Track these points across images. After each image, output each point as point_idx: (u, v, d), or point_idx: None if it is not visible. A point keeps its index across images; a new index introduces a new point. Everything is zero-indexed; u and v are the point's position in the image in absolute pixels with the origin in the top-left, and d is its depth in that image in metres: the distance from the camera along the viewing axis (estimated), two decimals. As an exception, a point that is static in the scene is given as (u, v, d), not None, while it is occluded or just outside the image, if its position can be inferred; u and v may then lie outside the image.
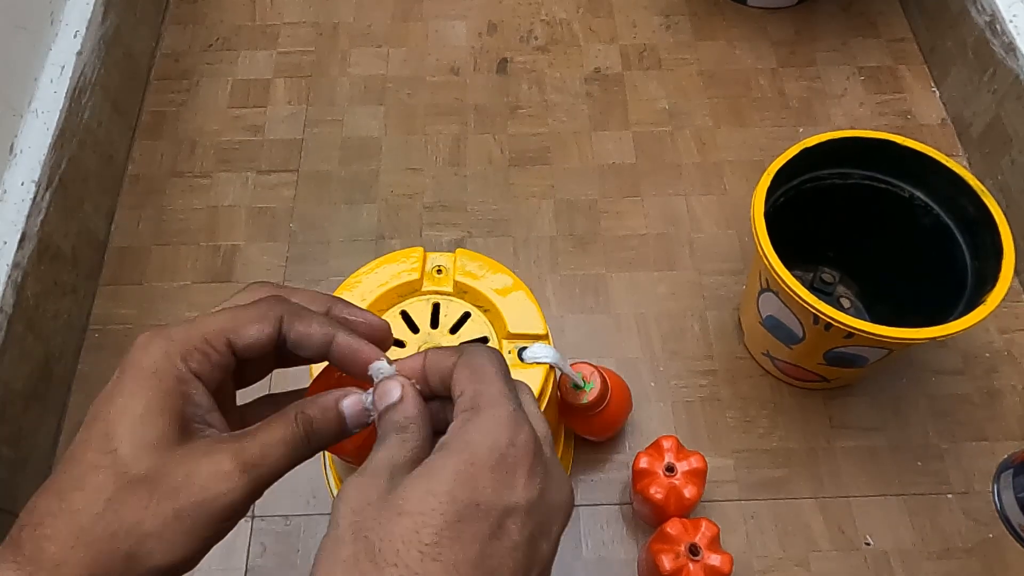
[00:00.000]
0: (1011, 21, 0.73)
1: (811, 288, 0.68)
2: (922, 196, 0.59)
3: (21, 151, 0.66)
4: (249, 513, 0.61)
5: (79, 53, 0.72)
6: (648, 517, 0.59)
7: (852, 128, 0.81)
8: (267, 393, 0.33)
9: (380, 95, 0.84)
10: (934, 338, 0.50)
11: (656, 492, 0.55)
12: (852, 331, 0.51)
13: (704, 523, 0.53)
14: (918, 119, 0.82)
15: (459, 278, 0.51)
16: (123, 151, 0.79)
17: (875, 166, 0.60)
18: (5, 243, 0.61)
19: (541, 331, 0.49)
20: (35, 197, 0.64)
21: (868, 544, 0.60)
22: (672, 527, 0.53)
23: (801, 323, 0.56)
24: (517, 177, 0.79)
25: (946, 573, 0.59)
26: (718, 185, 0.78)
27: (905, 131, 0.81)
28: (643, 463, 0.56)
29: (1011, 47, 0.72)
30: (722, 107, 0.83)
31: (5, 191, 0.64)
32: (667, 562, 0.51)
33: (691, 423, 0.65)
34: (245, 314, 0.29)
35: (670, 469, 0.55)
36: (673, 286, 0.72)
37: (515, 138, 0.81)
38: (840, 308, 0.67)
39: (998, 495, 0.61)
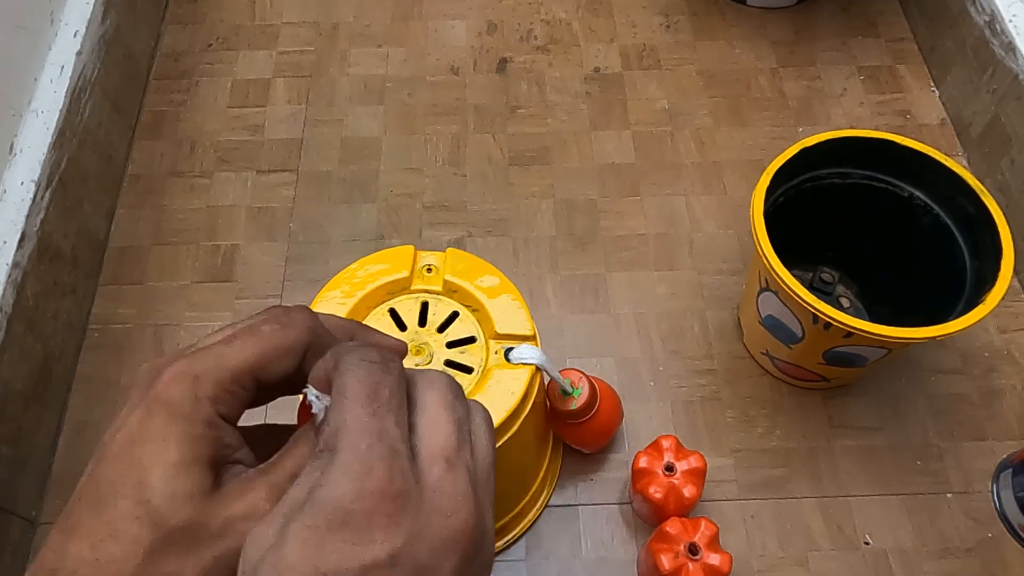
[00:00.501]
0: (1011, 21, 0.73)
1: (810, 288, 0.68)
2: (921, 196, 0.59)
3: (21, 151, 0.66)
4: (249, 513, 0.61)
5: (79, 53, 0.72)
6: (648, 516, 0.59)
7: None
8: (263, 423, 0.32)
9: (380, 95, 0.84)
10: (933, 337, 0.50)
11: (655, 491, 0.55)
12: (851, 330, 0.51)
13: (704, 522, 0.53)
14: (918, 119, 0.82)
15: (449, 277, 0.51)
16: (123, 151, 0.79)
17: (874, 166, 0.60)
18: (5, 243, 0.61)
19: (528, 332, 0.49)
20: (35, 197, 0.64)
21: (867, 544, 0.60)
22: (671, 526, 0.53)
23: (800, 322, 0.56)
24: (517, 177, 0.79)
25: (945, 573, 0.59)
26: (718, 185, 0.78)
27: (905, 131, 0.81)
28: (642, 462, 0.56)
29: (1011, 47, 0.72)
30: (722, 107, 0.83)
31: (5, 191, 0.64)
32: (666, 561, 0.52)
33: (691, 423, 0.65)
34: (272, 347, 0.28)
35: (669, 468, 0.56)
36: (673, 286, 0.72)
37: (515, 138, 0.81)
38: (839, 308, 0.66)
39: (997, 495, 0.61)
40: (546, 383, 0.53)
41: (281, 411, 0.35)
